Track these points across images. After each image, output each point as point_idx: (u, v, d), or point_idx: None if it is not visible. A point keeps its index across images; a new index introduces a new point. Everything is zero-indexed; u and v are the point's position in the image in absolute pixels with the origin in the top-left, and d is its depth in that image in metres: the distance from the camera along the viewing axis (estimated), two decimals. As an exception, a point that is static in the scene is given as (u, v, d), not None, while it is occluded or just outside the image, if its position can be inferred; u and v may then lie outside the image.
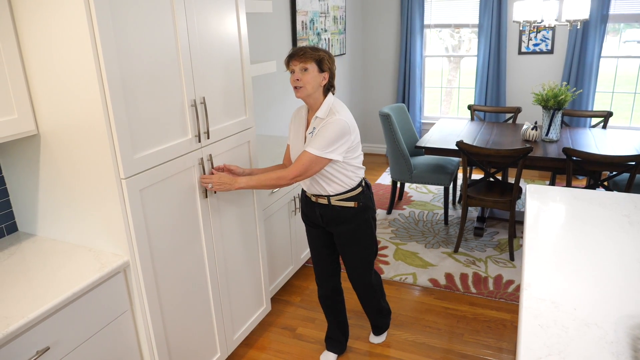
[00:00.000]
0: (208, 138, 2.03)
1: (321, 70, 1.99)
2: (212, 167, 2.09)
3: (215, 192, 2.11)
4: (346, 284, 3.11)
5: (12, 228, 1.96)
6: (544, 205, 2.08)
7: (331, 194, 2.11)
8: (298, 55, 1.97)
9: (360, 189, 2.14)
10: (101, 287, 1.66)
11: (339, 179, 2.08)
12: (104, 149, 1.61)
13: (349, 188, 2.11)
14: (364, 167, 2.19)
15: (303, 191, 2.26)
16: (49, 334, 1.48)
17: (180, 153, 1.89)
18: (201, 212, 2.05)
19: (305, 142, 2.09)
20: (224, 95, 2.13)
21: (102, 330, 1.68)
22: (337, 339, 2.52)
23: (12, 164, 1.86)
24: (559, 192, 2.23)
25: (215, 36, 2.03)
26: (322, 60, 1.99)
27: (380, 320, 2.58)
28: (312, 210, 2.21)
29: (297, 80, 1.99)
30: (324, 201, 2.14)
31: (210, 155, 2.07)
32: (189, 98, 1.90)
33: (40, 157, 1.77)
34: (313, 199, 2.18)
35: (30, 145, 1.77)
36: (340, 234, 2.20)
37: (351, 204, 2.12)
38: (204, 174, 2.04)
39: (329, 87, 2.06)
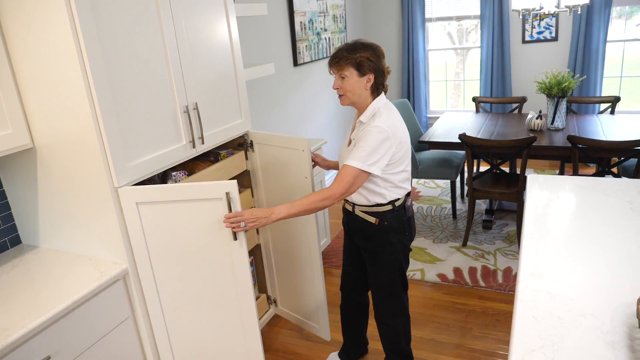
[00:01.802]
0: (203, 143, 2.04)
1: (362, 73, 1.80)
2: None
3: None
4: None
5: (16, 240, 2.00)
6: (545, 195, 2.05)
7: (356, 202, 1.96)
8: (333, 62, 1.81)
9: (389, 207, 1.91)
10: (100, 295, 1.68)
11: (371, 193, 1.90)
12: (97, 158, 1.63)
13: (376, 203, 1.92)
14: (406, 187, 1.95)
15: None
16: (49, 343, 1.51)
17: (174, 159, 1.91)
18: (232, 255, 1.75)
19: (349, 145, 1.95)
20: (218, 99, 2.14)
21: (104, 337, 1.70)
22: (347, 350, 2.44)
23: (12, 178, 1.90)
24: (561, 181, 2.19)
25: (205, 42, 2.04)
26: (361, 63, 1.78)
27: (396, 358, 2.25)
28: (344, 215, 2.10)
29: (338, 89, 1.84)
30: (349, 207, 2.01)
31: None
32: (181, 104, 1.91)
33: (37, 169, 1.80)
34: (343, 202, 2.04)
35: (28, 159, 1.81)
36: (363, 250, 2.05)
37: (372, 219, 1.93)
38: (230, 211, 1.67)
39: (378, 87, 1.86)
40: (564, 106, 3.58)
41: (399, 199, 1.94)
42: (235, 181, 1.65)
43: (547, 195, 2.05)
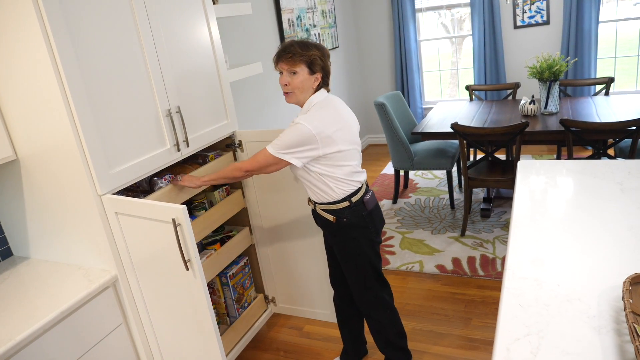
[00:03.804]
0: (188, 146, 2.03)
1: (312, 72, 1.81)
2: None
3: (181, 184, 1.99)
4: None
5: (7, 253, 2.00)
6: (535, 181, 2.03)
7: (315, 201, 1.95)
8: (285, 57, 1.79)
9: (345, 204, 1.90)
10: (90, 303, 1.68)
11: (319, 188, 1.89)
12: (79, 167, 1.62)
13: (331, 200, 1.90)
14: (358, 181, 1.92)
15: None
16: (40, 353, 1.51)
17: (159, 164, 1.90)
18: (189, 284, 1.69)
19: None
20: (201, 101, 2.13)
21: (97, 345, 1.70)
22: (347, 351, 2.40)
23: (-1, 191, 1.90)
24: (552, 166, 2.17)
25: (185, 45, 2.02)
26: (314, 61, 1.79)
27: (391, 353, 2.23)
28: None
29: (286, 85, 1.82)
30: (312, 206, 2.02)
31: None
32: (163, 108, 1.90)
33: (22, 181, 1.80)
34: (307, 200, 2.08)
35: (12, 171, 1.80)
36: (332, 245, 2.05)
37: (330, 217, 1.92)
38: (177, 238, 1.59)
39: (321, 87, 1.87)
40: (557, 90, 3.55)
41: (354, 194, 1.91)
42: (184, 206, 1.54)
43: (537, 181, 2.03)
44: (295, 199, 2.34)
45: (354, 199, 1.91)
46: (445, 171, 4.77)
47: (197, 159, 2.29)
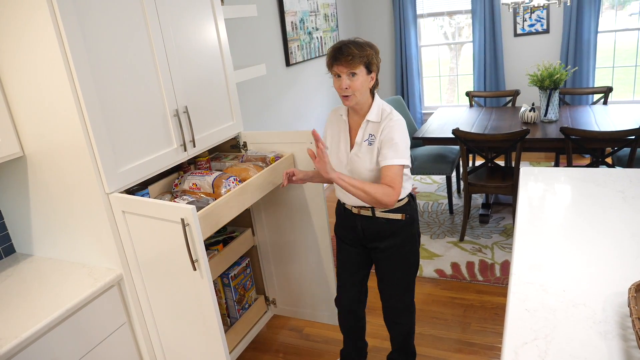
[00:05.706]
0: (194, 146, 2.04)
1: (369, 71, 1.76)
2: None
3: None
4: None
5: (10, 250, 2.00)
6: (538, 188, 2.05)
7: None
8: (345, 59, 1.70)
9: (407, 199, 1.91)
10: (95, 302, 1.67)
11: None
12: (87, 165, 1.62)
13: (400, 198, 1.88)
14: (412, 176, 2.04)
15: (340, 204, 2.02)
16: (45, 352, 1.50)
17: (166, 163, 1.91)
18: (195, 284, 1.69)
19: (352, 149, 1.87)
20: (208, 102, 2.14)
21: (100, 344, 1.70)
22: (349, 353, 2.36)
23: (4, 187, 1.89)
24: (554, 173, 2.19)
25: (194, 45, 2.03)
26: (371, 60, 1.74)
27: (403, 357, 2.23)
28: (354, 223, 1.96)
29: (347, 88, 1.74)
30: (368, 213, 1.90)
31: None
32: (171, 108, 1.91)
33: (28, 178, 1.80)
34: (355, 210, 1.93)
35: (18, 167, 1.80)
36: (383, 250, 1.94)
37: (398, 215, 1.88)
38: (186, 238, 1.57)
39: (375, 86, 1.84)
40: (557, 98, 3.58)
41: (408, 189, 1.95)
42: (193, 206, 1.53)
43: (539, 187, 2.06)
44: (297, 201, 2.35)
45: (411, 194, 1.95)
46: (443, 176, 4.80)
47: (258, 162, 2.23)
